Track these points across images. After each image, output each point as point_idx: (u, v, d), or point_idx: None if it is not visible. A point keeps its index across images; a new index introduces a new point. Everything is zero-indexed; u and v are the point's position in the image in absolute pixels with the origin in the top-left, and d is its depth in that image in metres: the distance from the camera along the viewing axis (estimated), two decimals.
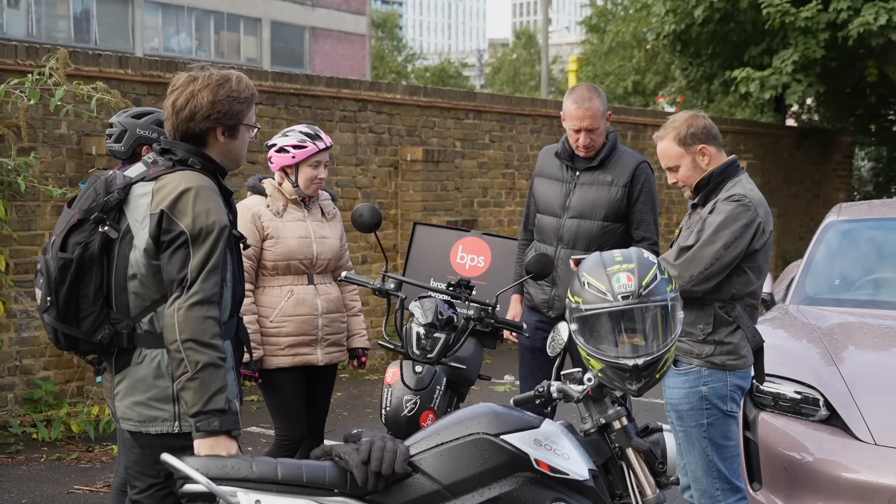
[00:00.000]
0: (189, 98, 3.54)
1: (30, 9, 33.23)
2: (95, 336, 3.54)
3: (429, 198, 11.30)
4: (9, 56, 7.99)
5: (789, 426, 5.22)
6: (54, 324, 3.55)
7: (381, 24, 59.24)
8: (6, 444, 7.51)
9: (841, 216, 7.17)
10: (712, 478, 4.68)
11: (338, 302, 5.54)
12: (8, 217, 7.83)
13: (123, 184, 3.56)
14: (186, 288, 3.41)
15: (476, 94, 12.81)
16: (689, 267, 4.46)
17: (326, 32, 41.86)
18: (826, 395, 5.20)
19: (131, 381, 3.58)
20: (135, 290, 3.53)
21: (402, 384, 5.00)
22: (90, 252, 3.50)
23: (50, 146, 8.20)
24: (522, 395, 3.94)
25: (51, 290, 3.51)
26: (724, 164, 4.68)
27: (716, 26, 17.34)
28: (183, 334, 3.39)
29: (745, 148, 17.22)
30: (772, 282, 6.73)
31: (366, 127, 11.05)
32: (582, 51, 40.03)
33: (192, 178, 3.53)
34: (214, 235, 3.45)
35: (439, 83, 51.50)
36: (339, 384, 9.71)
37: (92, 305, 3.52)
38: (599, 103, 5.59)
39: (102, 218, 3.50)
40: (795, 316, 6.21)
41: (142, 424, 3.58)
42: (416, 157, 11.25)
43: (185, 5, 37.62)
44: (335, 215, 5.66)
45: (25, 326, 8.15)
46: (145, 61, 9.05)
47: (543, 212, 5.77)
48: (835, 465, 4.95)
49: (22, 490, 6.57)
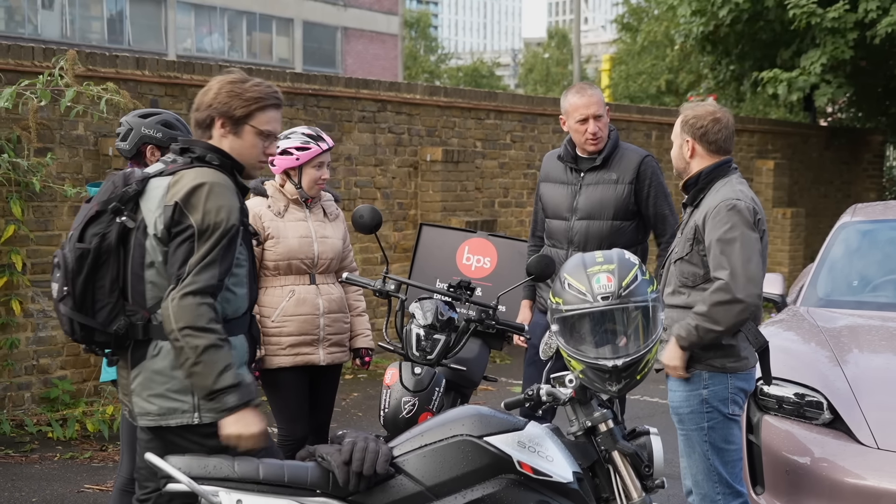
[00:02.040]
0: (206, 91, 3.69)
1: (64, 10, 33.53)
2: (111, 327, 3.57)
3: (448, 198, 11.29)
4: (26, 57, 8.05)
5: (792, 429, 5.17)
6: (70, 314, 3.57)
7: (414, 24, 59.31)
8: (21, 443, 7.58)
9: (855, 217, 7.09)
10: (713, 482, 4.64)
11: (340, 302, 5.54)
12: (25, 217, 7.90)
13: (142, 177, 3.64)
14: (182, 279, 3.47)
15: (497, 94, 12.79)
16: (748, 288, 4.41)
17: (358, 32, 41.96)
18: (829, 399, 5.15)
19: (148, 374, 3.61)
20: (152, 280, 3.58)
21: (400, 386, 4.99)
22: (107, 242, 3.56)
23: (67, 147, 8.26)
24: (513, 399, 3.93)
25: (68, 280, 3.55)
26: (713, 164, 4.67)
27: (744, 26, 17.22)
28: (179, 322, 3.44)
29: (773, 148, 17.10)
30: (783, 283, 6.67)
31: (385, 127, 11.06)
32: (615, 50, 39.92)
33: (207, 174, 3.58)
34: (220, 232, 3.50)
35: (472, 83, 51.51)
36: (356, 384, 9.73)
37: (108, 296, 3.57)
38: (598, 91, 5.65)
39: (120, 208, 3.57)
40: (805, 318, 6.16)
41: (161, 418, 3.61)
42: (435, 158, 11.25)
43: (217, 6, 37.84)
44: (338, 216, 5.66)
45: (42, 326, 8.21)
46: (162, 62, 9.10)
47: (552, 216, 5.78)
48: (837, 470, 4.90)
49: (33, 488, 6.62)
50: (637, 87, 33.08)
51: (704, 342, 4.50)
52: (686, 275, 4.64)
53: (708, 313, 4.46)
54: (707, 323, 4.45)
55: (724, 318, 4.43)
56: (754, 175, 16.37)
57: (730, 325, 4.44)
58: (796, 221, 16.08)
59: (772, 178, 16.25)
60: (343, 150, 10.66)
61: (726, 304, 4.42)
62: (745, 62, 18.29)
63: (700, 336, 4.48)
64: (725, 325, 4.43)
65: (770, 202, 16.18)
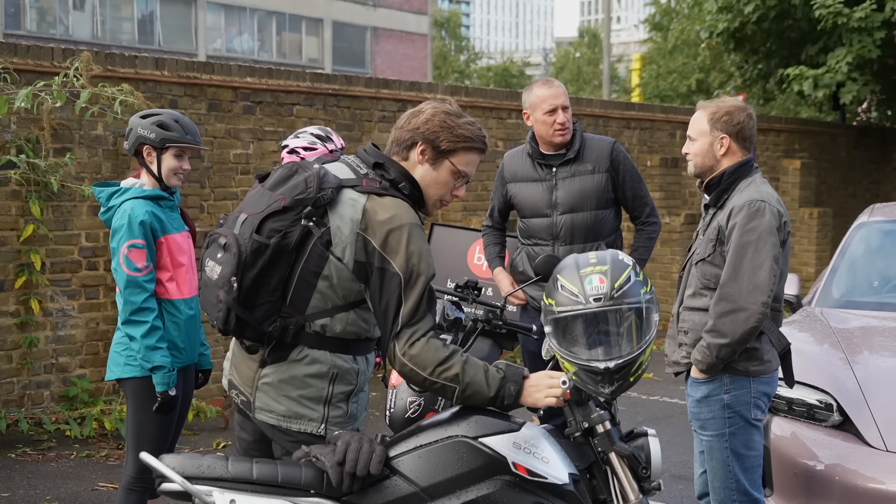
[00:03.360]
0: (417, 112, 3.59)
1: (94, 11, 33.76)
2: (265, 325, 3.48)
3: (469, 198, 11.29)
4: (45, 58, 8.11)
5: (801, 431, 5.13)
6: (232, 304, 3.45)
7: (444, 24, 59.30)
8: (39, 441, 7.63)
9: (873, 217, 7.03)
10: (730, 489, 4.56)
11: None
12: (44, 217, 7.96)
13: (336, 184, 3.48)
14: (399, 333, 3.41)
15: (519, 93, 12.74)
16: (754, 295, 4.35)
17: (388, 32, 42.02)
18: (839, 401, 5.10)
19: (285, 376, 3.54)
20: (322, 290, 3.48)
21: (406, 386, 4.99)
22: (287, 242, 3.43)
23: (86, 147, 8.31)
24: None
25: (238, 271, 3.43)
26: (737, 164, 4.57)
27: (771, 24, 17.12)
28: (427, 368, 3.41)
29: (801, 147, 16.98)
30: (798, 284, 6.61)
31: None
32: (646, 49, 39.81)
33: (405, 212, 3.47)
34: (424, 280, 3.43)
35: (501, 83, 51.42)
36: (375, 384, 9.71)
37: (270, 295, 3.48)
38: (564, 87, 5.73)
39: (312, 212, 3.44)
40: (818, 319, 6.11)
41: (284, 419, 3.56)
42: None
43: (247, 6, 37.98)
44: None
45: (62, 325, 8.26)
46: (182, 63, 9.13)
47: (531, 215, 5.75)
48: (845, 472, 4.85)
49: (48, 486, 6.67)
50: (667, 85, 32.97)
51: (721, 359, 4.43)
52: (708, 276, 4.55)
53: (714, 327, 4.41)
54: (716, 338, 4.40)
55: (730, 329, 4.36)
56: (780, 175, 16.26)
57: (737, 335, 4.36)
58: (823, 221, 15.96)
59: (798, 177, 16.13)
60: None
61: (730, 314, 4.37)
62: (771, 60, 18.19)
63: (715, 354, 4.41)
64: (732, 336, 4.36)
65: (796, 202, 16.07)
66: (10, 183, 7.78)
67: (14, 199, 7.88)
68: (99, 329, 8.40)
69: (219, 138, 9.37)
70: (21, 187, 7.85)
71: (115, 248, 4.78)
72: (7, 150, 7.75)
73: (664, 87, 33.07)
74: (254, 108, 9.62)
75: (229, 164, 9.46)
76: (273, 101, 9.78)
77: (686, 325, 4.64)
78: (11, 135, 7.82)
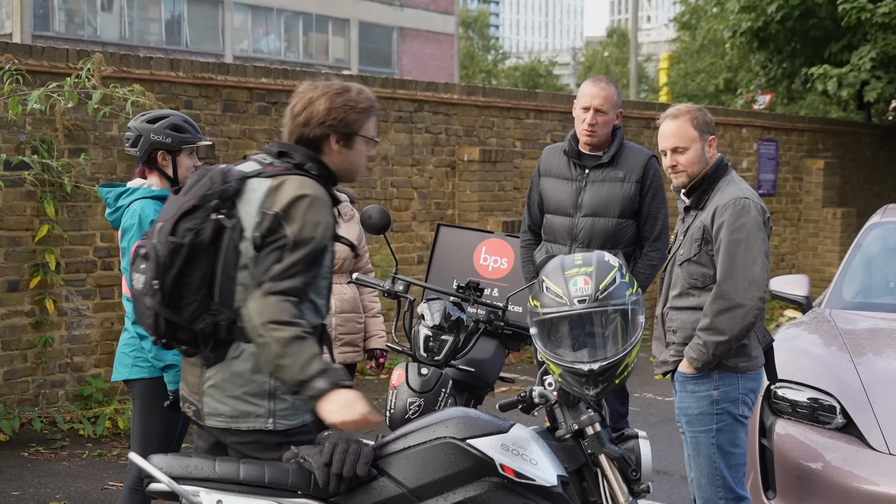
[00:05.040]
0: (307, 104, 3.59)
1: (122, 12, 33.99)
2: (196, 325, 3.51)
3: (486, 198, 11.27)
4: (60, 59, 8.16)
5: (804, 434, 5.10)
6: (158, 308, 3.49)
7: (472, 24, 59.28)
8: (52, 440, 7.68)
9: (886, 217, 6.97)
10: (716, 486, 4.59)
11: (353, 302, 5.55)
12: (58, 217, 8.01)
13: (239, 175, 3.57)
14: (263, 283, 3.43)
15: (537, 93, 12.74)
16: (750, 291, 4.38)
17: (414, 32, 42.07)
18: (843, 403, 5.07)
19: (226, 375, 3.57)
20: (243, 282, 3.53)
21: (406, 386, 4.99)
22: (201, 238, 3.49)
23: (101, 147, 8.36)
24: (507, 400, 3.91)
25: (158, 274, 3.47)
26: (714, 164, 4.64)
27: (795, 22, 17.01)
28: (263, 317, 3.37)
29: (824, 147, 16.87)
30: (808, 285, 6.55)
31: (422, 127, 11.07)
32: (674, 48, 39.67)
33: (310, 185, 3.53)
34: (311, 247, 3.46)
35: (529, 82, 51.37)
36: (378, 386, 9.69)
37: (195, 293, 3.51)
38: (615, 91, 5.60)
39: (220, 205, 3.51)
40: (826, 321, 6.06)
41: (233, 420, 3.58)
42: (472, 158, 11.23)
43: (273, 7, 38.14)
44: (352, 216, 5.67)
45: (77, 324, 8.32)
46: (196, 63, 9.17)
47: (554, 212, 5.73)
48: (847, 475, 4.82)
49: (58, 485, 6.71)
50: (695, 85, 32.84)
51: (717, 356, 4.46)
52: (695, 276, 4.59)
53: (711, 325, 4.43)
54: (713, 336, 4.41)
55: (728, 326, 4.38)
56: (804, 174, 16.17)
57: (735, 331, 4.40)
58: (847, 221, 15.85)
59: (822, 177, 16.03)
60: (379, 150, 10.67)
61: (728, 311, 4.39)
62: (796, 59, 18.07)
63: (711, 351, 4.44)
64: (731, 332, 4.39)
65: (820, 202, 15.97)
66: (25, 184, 7.84)
67: (29, 199, 7.94)
68: (114, 329, 8.44)
69: (234, 139, 9.40)
70: (36, 188, 7.90)
71: (126, 247, 4.80)
72: (22, 150, 7.81)
73: (692, 86, 32.93)
74: (269, 108, 9.65)
75: None
76: (288, 102, 9.78)
77: (674, 325, 4.66)
78: (26, 136, 7.88)
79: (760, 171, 15.51)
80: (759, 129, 15.58)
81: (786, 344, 5.70)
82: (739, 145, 15.21)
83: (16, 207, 7.90)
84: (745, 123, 15.41)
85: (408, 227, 10.98)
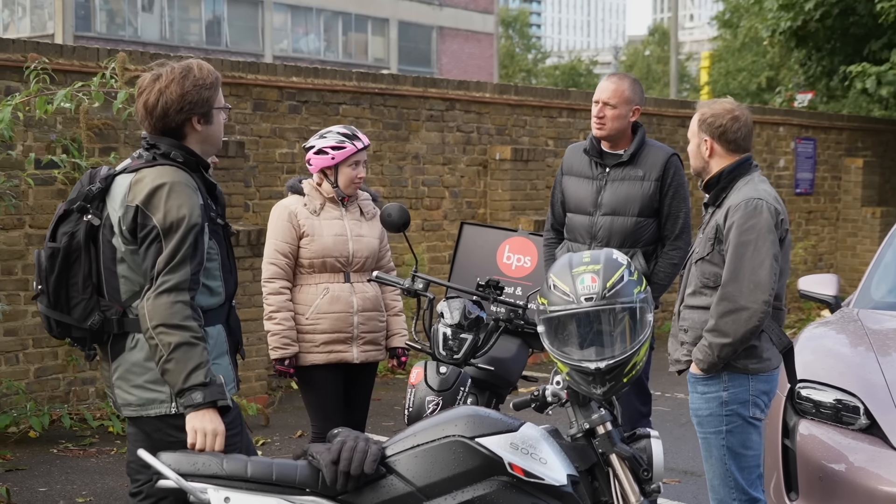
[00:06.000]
0: (158, 96, 3.66)
1: (163, 13, 34.24)
2: (86, 322, 3.66)
3: (517, 197, 11.24)
4: (90, 59, 8.22)
5: (827, 435, 5.02)
6: (46, 311, 3.70)
7: (512, 23, 59.18)
8: (82, 437, 7.74)
9: None
10: (729, 487, 4.56)
11: (375, 300, 5.54)
12: None
13: (106, 175, 3.70)
14: (154, 279, 3.54)
15: (570, 91, 12.69)
16: (754, 294, 4.34)
17: (454, 32, 42.08)
18: (866, 404, 4.99)
19: (127, 366, 3.68)
20: (124, 274, 3.66)
21: (425, 385, 4.97)
22: (76, 241, 3.65)
23: (131, 146, 8.40)
24: (521, 399, 3.89)
25: (41, 279, 3.67)
26: (734, 163, 4.58)
27: (834, 21, 16.84)
28: (153, 320, 3.51)
29: (864, 145, 16.68)
30: (837, 284, 6.47)
31: (454, 126, 11.05)
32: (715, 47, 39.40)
33: (168, 173, 3.63)
34: (184, 229, 3.54)
35: (569, 81, 51.20)
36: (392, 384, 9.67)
37: (81, 293, 3.66)
38: (628, 86, 5.55)
39: (86, 207, 3.66)
40: (853, 320, 5.98)
41: (141, 408, 3.69)
42: (504, 156, 11.20)
43: (313, 7, 38.27)
44: (375, 215, 5.65)
45: None
46: (227, 62, 9.21)
47: (575, 210, 5.69)
48: (869, 476, 4.74)
49: (85, 482, 6.76)
50: (737, 84, 32.57)
51: (723, 358, 4.42)
52: (707, 275, 4.55)
53: (716, 327, 4.40)
54: (717, 338, 4.38)
55: (731, 329, 4.34)
56: (842, 173, 16.00)
57: (739, 335, 4.35)
58: (886, 221, 15.65)
59: (861, 176, 15.86)
60: (410, 148, 10.68)
61: (732, 314, 4.35)
62: (835, 57, 17.88)
63: (716, 354, 4.41)
64: (734, 335, 4.35)
65: (858, 201, 15.80)
66: (56, 182, 7.90)
67: (59, 198, 7.99)
68: None
69: (264, 137, 9.44)
70: (66, 186, 7.96)
71: None
72: (53, 150, 7.87)
73: (734, 85, 32.66)
74: (299, 107, 9.68)
75: (275, 164, 9.53)
76: (319, 101, 9.82)
77: (686, 324, 4.63)
78: (57, 135, 7.94)
79: (798, 170, 15.37)
80: (796, 128, 15.44)
81: (812, 343, 5.63)
82: (776, 144, 15.07)
83: (46, 206, 7.97)
84: (782, 122, 15.28)
85: (439, 225, 10.98)
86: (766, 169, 14.73)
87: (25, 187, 7.80)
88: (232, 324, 3.85)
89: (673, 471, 7.09)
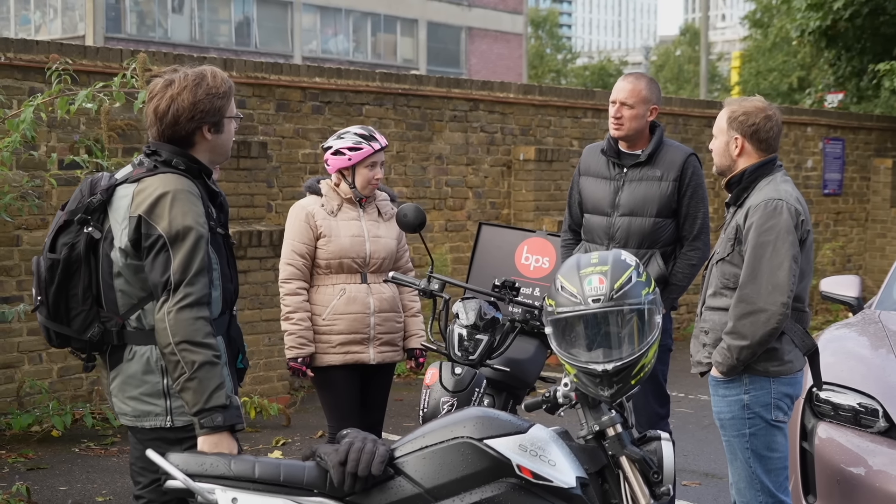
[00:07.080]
0: (170, 102, 3.60)
1: (193, 14, 34.40)
2: (85, 334, 3.64)
3: (541, 197, 11.21)
4: (114, 59, 8.26)
5: (846, 437, 4.98)
6: (46, 322, 3.67)
7: (542, 24, 59.08)
8: (104, 436, 7.78)
9: None
10: (755, 490, 4.50)
11: (392, 301, 5.53)
12: None
13: (108, 185, 3.65)
14: (173, 291, 3.47)
15: (595, 92, 12.64)
16: (773, 296, 4.29)
17: (483, 32, 42.05)
18: (885, 406, 4.94)
19: (124, 377, 3.67)
20: (121, 288, 3.61)
21: (440, 386, 4.96)
22: (76, 252, 3.60)
23: None
24: (532, 400, 3.87)
25: (41, 290, 3.63)
26: (758, 163, 4.51)
27: (864, 20, 16.72)
28: (176, 336, 3.45)
29: (892, 146, 16.52)
30: (860, 286, 6.41)
31: (477, 126, 11.04)
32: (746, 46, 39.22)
33: (171, 181, 3.57)
34: (193, 238, 3.49)
35: (598, 82, 51.07)
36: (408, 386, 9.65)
37: (81, 304, 3.63)
38: (645, 86, 5.48)
39: (86, 219, 3.60)
40: (875, 322, 5.92)
41: (137, 419, 3.69)
42: (528, 157, 11.18)
43: (342, 8, 38.36)
44: (393, 215, 5.65)
45: None
46: (250, 63, 9.24)
47: (592, 211, 5.66)
48: (887, 479, 4.70)
49: (105, 481, 6.79)
50: (767, 84, 32.38)
51: (742, 361, 4.38)
52: (727, 276, 4.50)
53: (734, 329, 4.35)
54: (736, 340, 4.34)
55: (749, 331, 4.30)
56: (871, 174, 15.86)
57: (757, 337, 4.30)
58: None
59: (890, 176, 15.71)
60: (434, 149, 10.68)
61: (750, 316, 4.30)
62: (864, 57, 17.75)
63: (735, 356, 4.37)
64: (752, 337, 4.30)
65: (888, 202, 15.66)
66: (78, 183, 7.92)
67: None
68: None
69: (287, 138, 9.45)
70: None
71: None
72: (76, 150, 7.91)
73: (765, 85, 32.47)
74: (322, 107, 9.69)
75: (297, 164, 9.54)
76: (342, 101, 9.83)
77: (707, 325, 4.59)
78: (80, 135, 7.98)
79: (826, 171, 15.26)
80: (824, 128, 15.33)
81: (832, 345, 5.58)
82: (804, 144, 14.97)
83: None
84: (810, 122, 15.17)
85: (462, 226, 10.96)
86: (794, 169, 14.63)
87: (49, 187, 7.85)
88: (233, 333, 3.80)
89: (694, 473, 7.05)
